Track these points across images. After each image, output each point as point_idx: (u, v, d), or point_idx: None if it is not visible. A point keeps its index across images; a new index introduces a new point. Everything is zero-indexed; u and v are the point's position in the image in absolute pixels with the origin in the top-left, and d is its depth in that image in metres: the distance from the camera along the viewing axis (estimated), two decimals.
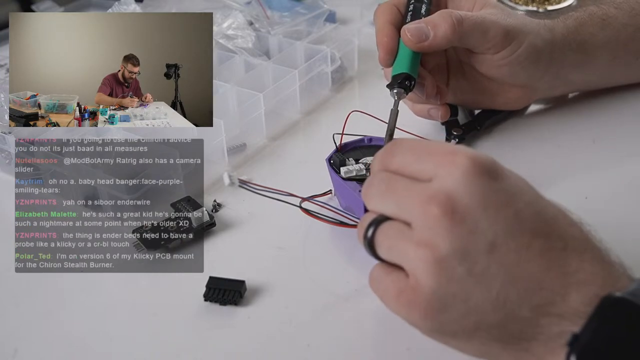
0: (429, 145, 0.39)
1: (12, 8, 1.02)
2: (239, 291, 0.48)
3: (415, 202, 0.36)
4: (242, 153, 0.66)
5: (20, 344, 0.46)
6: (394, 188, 0.38)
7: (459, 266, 0.35)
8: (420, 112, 0.65)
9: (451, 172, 0.36)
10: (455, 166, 0.36)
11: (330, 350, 0.44)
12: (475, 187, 0.36)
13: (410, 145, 0.40)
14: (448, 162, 0.36)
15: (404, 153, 0.39)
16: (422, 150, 0.39)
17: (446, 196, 0.35)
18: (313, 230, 0.54)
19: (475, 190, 0.35)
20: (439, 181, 0.36)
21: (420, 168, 0.38)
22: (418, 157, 0.38)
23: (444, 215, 0.35)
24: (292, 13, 0.82)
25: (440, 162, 0.37)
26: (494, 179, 0.36)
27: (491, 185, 0.36)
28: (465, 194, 0.35)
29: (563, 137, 0.67)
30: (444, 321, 0.36)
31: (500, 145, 0.65)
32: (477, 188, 0.36)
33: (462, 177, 0.36)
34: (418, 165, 0.38)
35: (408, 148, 0.39)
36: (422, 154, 0.38)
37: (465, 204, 0.35)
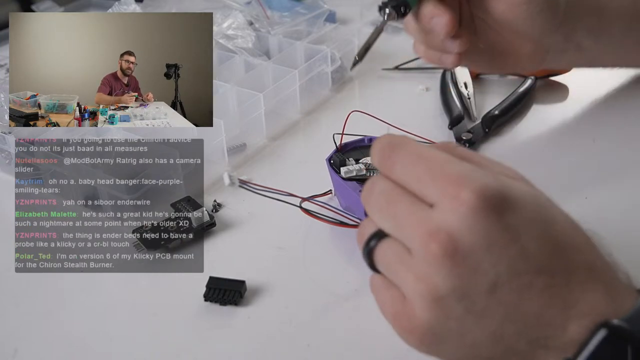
0: (431, 165, 0.35)
1: (12, 8, 1.02)
2: (239, 291, 0.48)
3: (416, 234, 0.35)
4: (242, 153, 0.66)
5: (20, 344, 0.46)
6: (395, 207, 0.36)
7: (457, 305, 0.34)
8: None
9: (455, 209, 0.34)
10: (459, 202, 0.33)
11: (330, 350, 0.44)
12: (479, 226, 0.33)
13: (411, 157, 0.36)
14: (452, 196, 0.34)
15: (405, 165, 0.36)
16: (424, 171, 0.35)
17: (448, 235, 0.33)
18: (313, 230, 0.54)
19: (479, 230, 0.33)
20: (441, 215, 0.34)
21: (422, 191, 0.35)
22: (419, 179, 0.36)
23: (444, 255, 0.33)
24: (292, 13, 0.82)
25: (444, 192, 0.34)
26: (501, 214, 0.34)
27: (497, 222, 0.34)
28: (468, 233, 0.33)
29: (564, 137, 0.67)
30: (439, 351, 0.36)
31: (506, 147, 0.65)
32: (481, 227, 0.33)
33: (466, 215, 0.33)
34: (419, 188, 0.36)
35: (409, 161, 0.36)
36: (424, 176, 0.35)
37: (468, 243, 0.33)
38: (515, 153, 0.65)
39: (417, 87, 0.78)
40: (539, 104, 0.73)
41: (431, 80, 0.79)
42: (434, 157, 0.36)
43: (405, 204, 0.36)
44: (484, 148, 0.65)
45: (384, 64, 0.83)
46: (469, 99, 0.73)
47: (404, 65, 0.83)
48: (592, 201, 0.56)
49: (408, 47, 0.88)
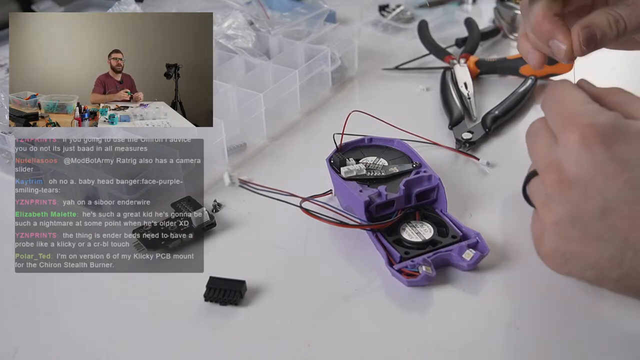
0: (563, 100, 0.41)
1: (12, 8, 1.02)
2: (239, 291, 0.48)
3: (541, 166, 0.41)
4: (242, 153, 0.66)
5: (20, 344, 0.46)
6: (535, 142, 0.42)
7: (572, 228, 0.39)
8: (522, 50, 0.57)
9: (565, 142, 0.38)
10: (569, 136, 0.38)
11: (330, 350, 0.44)
12: (583, 156, 0.37)
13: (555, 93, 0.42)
14: (565, 130, 0.39)
15: (549, 102, 0.42)
16: (557, 105, 0.41)
17: (557, 165, 0.39)
18: (313, 230, 0.54)
19: (583, 159, 0.37)
20: (558, 148, 0.39)
21: (553, 125, 0.41)
22: (553, 113, 0.41)
23: (554, 183, 0.39)
24: (292, 13, 0.82)
25: (561, 126, 0.39)
26: (609, 146, 0.37)
27: (602, 154, 0.37)
28: (574, 163, 0.38)
29: None
30: (568, 271, 0.41)
31: (507, 146, 0.65)
32: (586, 157, 0.37)
33: (572, 147, 0.38)
34: (552, 122, 0.41)
35: (553, 97, 0.42)
36: (556, 110, 0.41)
37: (574, 172, 0.38)
38: (515, 153, 0.65)
39: (417, 87, 0.78)
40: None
41: (431, 80, 0.79)
42: (571, 97, 0.41)
43: (542, 140, 0.41)
44: (484, 148, 0.65)
45: (384, 64, 0.83)
46: (469, 99, 0.73)
47: (404, 65, 0.83)
48: None
49: (408, 47, 0.89)
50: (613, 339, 0.43)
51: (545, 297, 0.47)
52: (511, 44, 0.90)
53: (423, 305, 0.47)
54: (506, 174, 0.61)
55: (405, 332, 0.45)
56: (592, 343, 0.43)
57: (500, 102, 0.71)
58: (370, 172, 0.56)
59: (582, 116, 0.38)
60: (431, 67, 0.82)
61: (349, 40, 0.79)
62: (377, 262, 0.51)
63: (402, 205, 0.53)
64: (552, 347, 0.44)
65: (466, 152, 0.65)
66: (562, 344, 0.44)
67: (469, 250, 0.49)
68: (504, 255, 0.51)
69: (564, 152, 0.38)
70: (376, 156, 0.58)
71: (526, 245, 0.51)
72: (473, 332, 0.45)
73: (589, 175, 0.37)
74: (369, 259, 0.51)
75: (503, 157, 0.63)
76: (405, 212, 0.53)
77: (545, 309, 0.46)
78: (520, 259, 0.50)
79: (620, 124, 0.38)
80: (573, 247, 0.39)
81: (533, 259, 0.44)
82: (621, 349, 0.43)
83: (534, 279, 0.48)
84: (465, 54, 0.81)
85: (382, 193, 0.52)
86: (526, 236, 0.50)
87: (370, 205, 0.52)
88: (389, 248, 0.50)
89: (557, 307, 0.46)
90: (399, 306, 0.47)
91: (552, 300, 0.47)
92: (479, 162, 0.63)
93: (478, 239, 0.50)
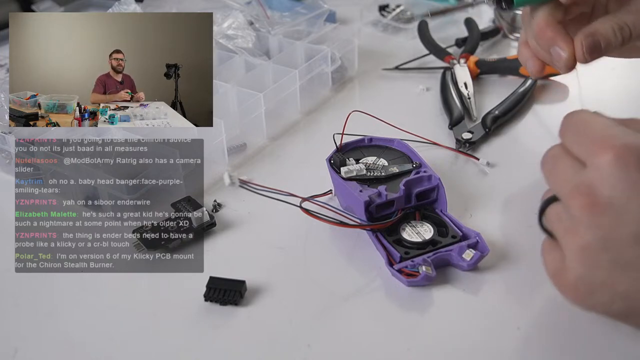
0: (589, 125, 0.39)
1: (12, 8, 1.02)
2: (239, 291, 0.48)
3: (566, 191, 0.38)
4: (242, 153, 0.66)
5: (20, 344, 0.46)
6: (557, 168, 0.40)
7: (602, 254, 0.36)
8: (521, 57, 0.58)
9: (598, 163, 0.36)
10: (601, 156, 0.36)
11: (330, 350, 0.44)
12: (617, 178, 0.35)
13: (577, 121, 0.40)
14: (596, 152, 0.37)
15: (571, 129, 0.40)
16: (581, 131, 0.39)
17: (588, 188, 0.36)
18: (313, 230, 0.54)
19: (617, 182, 0.35)
20: (587, 172, 0.37)
21: (579, 153, 0.39)
22: (577, 139, 0.39)
23: (585, 206, 0.36)
24: (292, 13, 0.82)
25: (591, 150, 0.37)
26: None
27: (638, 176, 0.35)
28: (607, 186, 0.36)
29: None
30: (595, 304, 0.38)
31: (507, 146, 0.65)
32: (620, 179, 0.35)
33: (605, 169, 0.36)
34: (577, 148, 0.39)
35: (574, 124, 0.40)
36: (581, 135, 0.39)
37: (607, 195, 0.36)
38: (515, 153, 0.65)
39: (417, 87, 0.78)
40: (539, 104, 0.73)
41: (431, 80, 0.79)
42: (596, 122, 0.39)
43: (565, 165, 0.39)
44: (484, 148, 0.65)
45: (384, 64, 0.83)
46: (469, 99, 0.73)
47: (404, 65, 0.83)
48: None
49: (408, 47, 0.89)
50: (613, 337, 0.43)
51: (545, 296, 0.47)
52: (511, 44, 0.89)
53: (423, 305, 0.47)
54: (506, 174, 0.61)
55: (405, 332, 0.45)
56: (592, 342, 0.43)
57: (500, 102, 0.71)
58: (370, 172, 0.56)
59: (615, 137, 0.36)
60: (431, 67, 0.82)
61: (349, 40, 0.79)
62: (377, 262, 0.51)
63: (402, 205, 0.53)
64: (552, 347, 0.44)
65: (466, 152, 0.65)
66: (562, 344, 0.44)
67: (469, 250, 0.49)
68: (504, 255, 0.51)
69: (596, 174, 0.36)
70: (376, 156, 0.58)
71: (526, 245, 0.51)
72: (473, 332, 0.45)
73: (624, 197, 0.35)
74: (369, 259, 0.51)
75: (503, 157, 0.63)
76: (405, 212, 0.53)
77: (545, 309, 0.46)
78: (520, 259, 0.50)
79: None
80: (602, 275, 0.36)
81: (533, 259, 0.44)
82: (622, 346, 0.43)
83: (534, 279, 0.48)
84: (465, 54, 0.81)
85: (382, 193, 0.52)
86: (526, 236, 0.50)
87: (370, 205, 0.52)
88: (389, 248, 0.50)
89: (557, 306, 0.46)
90: (399, 306, 0.47)
91: (552, 300, 0.47)
92: (479, 162, 0.63)
93: (478, 239, 0.50)
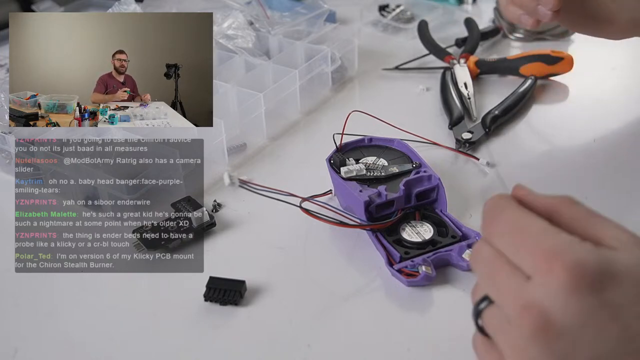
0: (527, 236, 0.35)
1: (12, 8, 1.02)
2: (239, 291, 0.48)
3: (512, 305, 0.34)
4: (242, 153, 0.66)
5: (20, 344, 0.46)
6: (495, 276, 0.36)
7: None
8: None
9: (548, 284, 0.33)
10: (552, 277, 0.32)
11: (330, 350, 0.44)
12: (572, 302, 0.32)
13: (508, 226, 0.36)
14: (545, 270, 0.33)
15: (503, 235, 0.36)
16: (521, 240, 0.35)
17: (540, 310, 0.33)
18: (313, 230, 0.54)
19: (572, 307, 0.32)
20: (535, 289, 0.33)
21: (519, 262, 0.35)
22: (517, 249, 0.35)
23: (537, 330, 0.32)
24: (292, 13, 0.82)
25: (538, 265, 0.33)
26: (599, 290, 0.32)
27: (593, 299, 0.32)
28: (561, 310, 0.32)
29: (564, 137, 0.67)
30: None
31: (506, 147, 0.65)
32: (575, 304, 0.32)
33: (559, 292, 0.32)
34: (515, 256, 0.35)
35: (507, 230, 0.36)
36: (521, 246, 0.35)
37: (561, 320, 0.32)
38: (515, 153, 0.65)
39: (417, 87, 0.78)
40: (539, 104, 0.73)
41: (431, 80, 0.79)
42: (531, 227, 0.35)
43: (504, 274, 0.35)
44: (484, 148, 0.65)
45: (384, 64, 0.83)
46: (469, 99, 0.73)
47: (404, 65, 0.83)
48: (592, 201, 0.56)
49: (408, 47, 0.89)
50: None
51: None
52: (511, 44, 0.90)
53: (423, 305, 0.47)
54: (506, 174, 0.61)
55: (405, 332, 0.45)
56: None
57: (500, 102, 0.71)
58: (370, 172, 0.56)
59: (562, 252, 0.33)
60: (431, 67, 0.82)
61: (349, 40, 0.79)
62: (377, 262, 0.51)
63: (402, 205, 0.53)
64: None
65: (466, 152, 0.65)
66: None
67: (469, 250, 0.49)
68: None
69: (547, 296, 0.32)
70: (376, 156, 0.58)
71: None
72: (473, 332, 0.45)
73: (579, 324, 0.32)
74: (369, 259, 0.51)
75: (503, 157, 0.63)
76: (405, 212, 0.53)
77: None
78: None
79: (607, 261, 0.33)
80: None
81: None
82: None
83: None
84: (465, 54, 0.81)
85: (382, 193, 0.52)
86: None
87: (370, 205, 0.52)
88: (389, 248, 0.50)
89: None
90: (399, 306, 0.47)
91: None
92: (479, 162, 0.63)
93: (478, 239, 0.50)
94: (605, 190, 0.59)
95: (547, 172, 0.62)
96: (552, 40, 0.88)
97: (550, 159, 0.64)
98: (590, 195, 0.56)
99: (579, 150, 0.64)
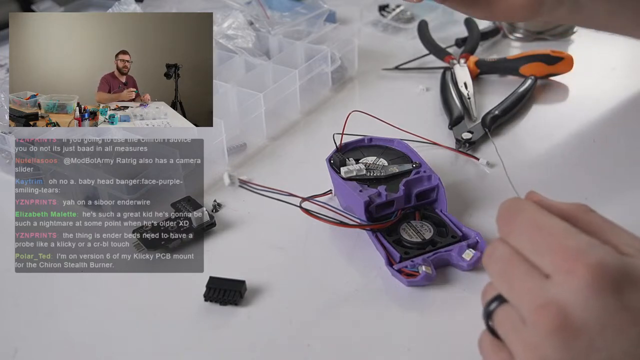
0: (548, 236, 0.35)
1: (12, 8, 1.02)
2: (239, 291, 0.48)
3: (529, 304, 0.34)
4: (242, 153, 0.66)
5: (20, 344, 0.46)
6: (511, 275, 0.35)
7: None
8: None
9: (569, 283, 0.32)
10: (574, 277, 0.32)
11: (330, 350, 0.44)
12: (593, 303, 0.32)
13: (529, 225, 0.36)
14: (567, 271, 0.33)
15: (522, 233, 0.36)
16: (540, 242, 0.35)
17: (559, 308, 0.32)
18: (313, 230, 0.54)
19: (593, 307, 0.32)
20: (555, 288, 0.33)
21: (538, 262, 0.35)
22: (536, 248, 0.35)
23: (555, 328, 0.32)
24: (292, 13, 0.82)
25: (559, 266, 0.33)
26: (620, 292, 0.32)
27: (614, 301, 0.32)
28: (581, 309, 0.32)
29: (564, 137, 0.67)
30: None
31: (506, 147, 0.65)
32: (596, 304, 0.32)
33: (580, 291, 0.32)
34: (536, 258, 0.35)
35: (527, 229, 0.36)
36: (540, 247, 0.35)
37: (581, 320, 0.32)
38: (515, 153, 0.65)
39: (417, 87, 0.78)
40: (539, 104, 0.73)
41: (431, 80, 0.79)
42: (552, 227, 0.35)
43: (521, 272, 0.35)
44: (484, 148, 0.65)
45: (384, 64, 0.83)
46: (469, 99, 0.73)
47: (404, 65, 0.83)
48: (592, 201, 0.56)
49: (408, 47, 0.89)
50: None
51: None
52: (511, 44, 0.90)
53: (423, 305, 0.47)
54: (506, 174, 0.61)
55: (405, 332, 0.45)
56: None
57: (500, 102, 0.71)
58: (370, 172, 0.56)
59: (586, 253, 0.33)
60: (431, 67, 0.82)
61: (349, 40, 0.79)
62: (377, 262, 0.51)
63: (402, 205, 0.53)
64: None
65: (466, 152, 0.65)
66: None
67: (469, 250, 0.49)
68: None
69: (568, 295, 0.32)
70: (376, 156, 0.58)
71: None
72: (473, 332, 0.45)
73: (599, 325, 0.32)
74: (369, 259, 0.51)
75: (503, 157, 0.63)
76: (405, 212, 0.53)
77: None
78: None
79: (628, 265, 0.33)
80: None
81: None
82: None
83: None
84: (465, 54, 0.81)
85: (382, 193, 0.52)
86: None
87: (370, 205, 0.52)
88: (389, 248, 0.50)
89: None
90: (399, 306, 0.47)
91: None
92: (479, 162, 0.63)
93: (478, 239, 0.50)
94: (605, 190, 0.59)
95: (547, 172, 0.62)
96: (552, 40, 0.88)
97: (550, 158, 0.64)
98: (590, 195, 0.56)
99: (579, 150, 0.64)
